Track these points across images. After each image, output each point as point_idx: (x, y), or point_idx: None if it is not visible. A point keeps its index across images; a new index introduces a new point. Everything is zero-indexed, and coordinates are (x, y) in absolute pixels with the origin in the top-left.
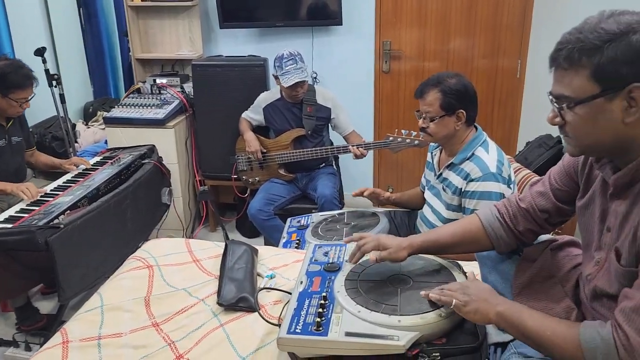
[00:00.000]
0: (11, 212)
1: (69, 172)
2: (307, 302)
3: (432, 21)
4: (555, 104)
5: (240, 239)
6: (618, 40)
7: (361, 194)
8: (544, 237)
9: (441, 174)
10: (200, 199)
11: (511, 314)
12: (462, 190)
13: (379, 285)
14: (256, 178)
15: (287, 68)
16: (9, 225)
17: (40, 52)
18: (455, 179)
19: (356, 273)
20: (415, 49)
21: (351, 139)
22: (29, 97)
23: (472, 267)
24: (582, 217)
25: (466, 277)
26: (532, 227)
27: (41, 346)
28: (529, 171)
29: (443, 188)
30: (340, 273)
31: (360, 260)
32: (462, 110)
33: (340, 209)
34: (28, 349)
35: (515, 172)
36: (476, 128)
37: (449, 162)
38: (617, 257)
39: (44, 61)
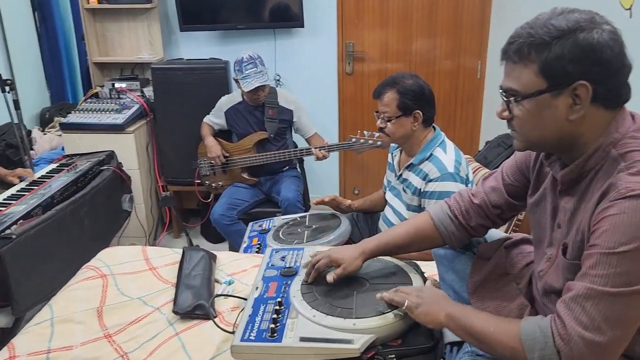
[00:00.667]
0: None
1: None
2: (262, 308)
3: (394, 22)
4: (504, 97)
5: (204, 245)
6: (566, 38)
7: (322, 202)
8: (496, 234)
9: (401, 174)
10: (163, 205)
11: (459, 314)
12: (422, 190)
13: (336, 289)
14: (219, 183)
15: (247, 72)
16: None
17: None
18: (415, 180)
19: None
20: (378, 51)
21: (313, 141)
22: None
23: (430, 267)
24: (534, 214)
25: (424, 278)
26: (484, 223)
27: None
28: (487, 170)
29: (403, 189)
30: (297, 277)
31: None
32: (418, 111)
33: (305, 211)
34: None
35: (474, 172)
36: (434, 128)
37: (409, 162)
38: (563, 252)
39: None
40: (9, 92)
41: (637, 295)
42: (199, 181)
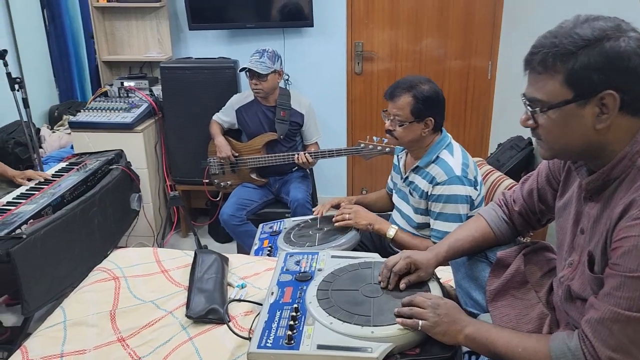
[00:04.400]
0: None
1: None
2: (278, 314)
3: (404, 21)
4: (528, 106)
5: (212, 245)
6: (592, 47)
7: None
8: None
9: (407, 177)
10: (171, 204)
11: (479, 335)
12: (429, 193)
13: (352, 295)
14: (228, 182)
15: (250, 58)
16: None
17: (1, 55)
18: (421, 183)
19: (328, 282)
20: (387, 50)
21: (309, 148)
22: None
23: (445, 273)
24: (559, 218)
25: (440, 284)
26: (527, 227)
27: None
28: (500, 173)
29: (410, 191)
30: (312, 283)
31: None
32: (431, 118)
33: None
34: None
35: (486, 175)
36: (441, 131)
37: (415, 165)
38: (589, 262)
39: (5, 64)
40: (18, 90)
41: None
42: (208, 180)
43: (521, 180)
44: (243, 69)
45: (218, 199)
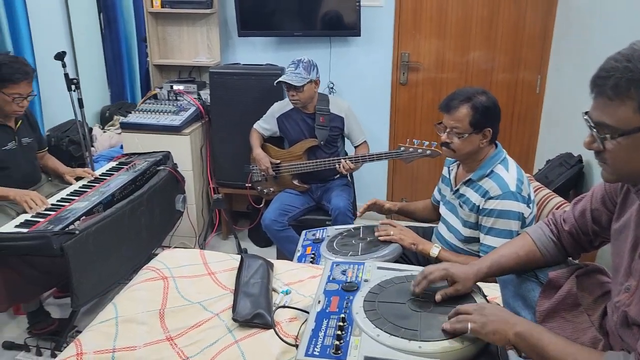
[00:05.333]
0: (27, 216)
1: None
2: (325, 322)
3: (452, 32)
4: (595, 130)
5: (252, 248)
6: None
7: (364, 211)
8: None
9: (458, 189)
10: (214, 207)
11: (531, 335)
12: (480, 207)
13: (399, 308)
14: (270, 189)
15: (286, 70)
16: (25, 230)
17: (60, 56)
18: (473, 196)
19: (375, 294)
20: (433, 61)
21: (360, 150)
22: (25, 95)
23: (492, 290)
24: (616, 240)
25: (487, 300)
26: (577, 248)
27: (52, 351)
28: (549, 191)
29: (459, 204)
30: (359, 293)
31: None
32: (489, 129)
33: (354, 220)
34: (39, 353)
35: (535, 191)
36: (496, 145)
37: (467, 178)
38: None
39: (64, 65)
40: (74, 91)
41: None
42: (250, 184)
43: (573, 201)
44: (279, 82)
45: (261, 205)
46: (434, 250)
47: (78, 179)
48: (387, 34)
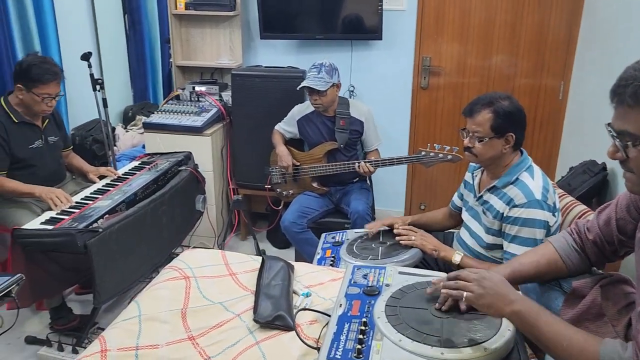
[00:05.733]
0: (52, 213)
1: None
2: (346, 326)
3: (474, 37)
4: (617, 139)
5: (270, 250)
6: None
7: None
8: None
9: (481, 196)
10: (234, 207)
11: (528, 314)
12: (504, 215)
13: (421, 314)
14: (290, 191)
15: (308, 74)
16: (50, 227)
17: (86, 56)
18: (497, 203)
19: (396, 299)
20: (455, 65)
21: (370, 156)
22: (54, 95)
23: None
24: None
25: None
26: (602, 258)
27: (73, 347)
28: (572, 198)
29: (483, 211)
30: (380, 298)
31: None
32: (512, 134)
33: None
34: (61, 349)
35: (559, 198)
36: (521, 152)
37: (491, 184)
38: None
39: (90, 66)
40: (99, 91)
41: None
42: (270, 186)
43: (597, 209)
44: (302, 87)
45: (279, 207)
46: (457, 257)
47: (101, 177)
48: (409, 38)
